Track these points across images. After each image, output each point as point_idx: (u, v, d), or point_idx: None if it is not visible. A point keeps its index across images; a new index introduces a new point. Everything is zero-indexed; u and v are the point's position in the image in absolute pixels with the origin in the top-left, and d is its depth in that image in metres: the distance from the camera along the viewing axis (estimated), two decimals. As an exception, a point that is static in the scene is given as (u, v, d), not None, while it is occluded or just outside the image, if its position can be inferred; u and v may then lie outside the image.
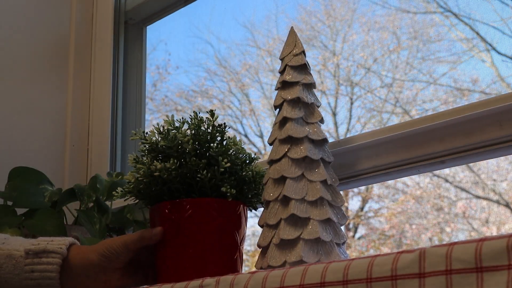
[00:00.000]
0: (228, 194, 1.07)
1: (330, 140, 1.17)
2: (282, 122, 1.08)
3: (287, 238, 0.99)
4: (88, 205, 1.36)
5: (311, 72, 1.12)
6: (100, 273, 1.04)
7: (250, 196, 1.14)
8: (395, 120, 1.36)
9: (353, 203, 1.63)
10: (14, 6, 1.82)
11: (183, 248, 1.06)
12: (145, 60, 1.91)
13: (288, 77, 1.09)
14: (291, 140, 1.06)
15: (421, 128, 1.14)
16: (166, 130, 1.12)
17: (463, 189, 1.26)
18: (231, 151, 1.12)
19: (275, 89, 1.12)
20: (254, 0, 1.77)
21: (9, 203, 1.32)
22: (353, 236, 1.65)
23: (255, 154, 1.17)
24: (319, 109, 1.10)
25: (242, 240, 1.12)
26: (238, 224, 1.10)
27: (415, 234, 1.34)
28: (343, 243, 1.02)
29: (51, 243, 1.03)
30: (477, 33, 1.23)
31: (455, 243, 0.52)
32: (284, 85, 1.10)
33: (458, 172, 1.26)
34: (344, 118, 1.44)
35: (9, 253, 1.02)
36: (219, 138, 1.12)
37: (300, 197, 1.01)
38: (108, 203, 1.42)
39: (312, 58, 1.52)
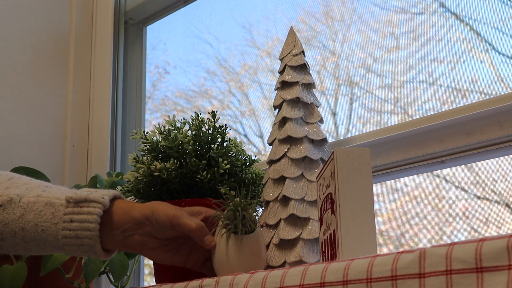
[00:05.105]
0: (227, 196, 1.07)
1: (330, 140, 1.17)
2: (281, 122, 1.08)
3: (286, 238, 0.99)
4: (88, 205, 1.36)
5: (311, 72, 1.12)
6: (137, 234, 0.93)
7: (249, 198, 1.14)
8: (395, 120, 1.36)
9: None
10: (14, 6, 1.82)
11: (183, 248, 1.06)
12: (145, 60, 1.91)
13: (287, 77, 1.09)
14: (290, 140, 1.06)
15: (421, 128, 1.14)
16: (167, 130, 1.12)
17: (463, 189, 1.26)
18: (231, 152, 1.12)
19: (275, 89, 1.12)
20: (253, 0, 1.77)
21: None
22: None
23: (255, 155, 1.17)
24: (318, 109, 1.11)
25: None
26: (237, 224, 1.10)
27: (415, 234, 1.34)
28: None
29: (94, 193, 0.93)
30: (477, 33, 1.23)
31: (455, 243, 0.52)
32: (283, 85, 1.10)
33: (458, 172, 1.26)
34: (344, 118, 1.44)
35: (49, 201, 0.92)
36: (219, 140, 1.12)
37: (300, 197, 1.01)
38: (108, 203, 1.42)
39: (311, 58, 1.52)
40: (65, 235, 0.91)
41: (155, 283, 1.10)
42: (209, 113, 1.14)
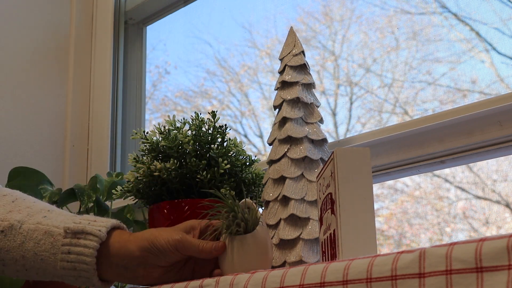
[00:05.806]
0: (225, 197, 1.07)
1: (330, 140, 1.17)
2: (281, 122, 1.08)
3: (286, 238, 0.99)
4: (88, 205, 1.36)
5: (311, 72, 1.12)
6: (139, 267, 0.91)
7: (249, 198, 1.14)
8: (394, 120, 1.36)
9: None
10: (14, 6, 1.82)
11: (183, 248, 1.06)
12: (144, 60, 1.91)
13: (287, 77, 1.09)
14: (290, 140, 1.06)
15: (421, 128, 1.14)
16: (167, 130, 1.12)
17: (463, 189, 1.26)
18: (231, 152, 1.12)
19: (275, 89, 1.12)
20: (253, 0, 1.77)
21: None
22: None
23: (255, 155, 1.17)
24: (318, 109, 1.11)
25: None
26: (238, 224, 1.10)
27: (415, 234, 1.34)
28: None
29: (93, 224, 0.91)
30: (477, 33, 1.23)
31: (455, 243, 0.52)
32: (283, 85, 1.10)
33: (458, 172, 1.26)
34: (344, 118, 1.44)
35: (48, 229, 0.91)
36: (219, 140, 1.12)
37: (300, 197, 1.01)
38: (108, 203, 1.42)
39: (311, 58, 1.52)
40: (63, 266, 0.90)
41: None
42: (209, 113, 1.14)
